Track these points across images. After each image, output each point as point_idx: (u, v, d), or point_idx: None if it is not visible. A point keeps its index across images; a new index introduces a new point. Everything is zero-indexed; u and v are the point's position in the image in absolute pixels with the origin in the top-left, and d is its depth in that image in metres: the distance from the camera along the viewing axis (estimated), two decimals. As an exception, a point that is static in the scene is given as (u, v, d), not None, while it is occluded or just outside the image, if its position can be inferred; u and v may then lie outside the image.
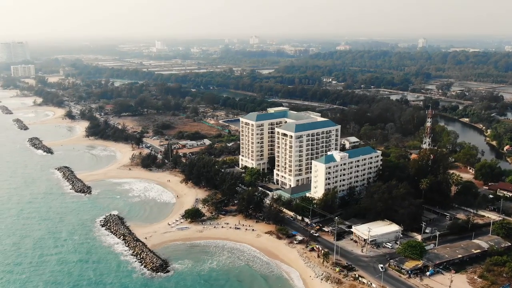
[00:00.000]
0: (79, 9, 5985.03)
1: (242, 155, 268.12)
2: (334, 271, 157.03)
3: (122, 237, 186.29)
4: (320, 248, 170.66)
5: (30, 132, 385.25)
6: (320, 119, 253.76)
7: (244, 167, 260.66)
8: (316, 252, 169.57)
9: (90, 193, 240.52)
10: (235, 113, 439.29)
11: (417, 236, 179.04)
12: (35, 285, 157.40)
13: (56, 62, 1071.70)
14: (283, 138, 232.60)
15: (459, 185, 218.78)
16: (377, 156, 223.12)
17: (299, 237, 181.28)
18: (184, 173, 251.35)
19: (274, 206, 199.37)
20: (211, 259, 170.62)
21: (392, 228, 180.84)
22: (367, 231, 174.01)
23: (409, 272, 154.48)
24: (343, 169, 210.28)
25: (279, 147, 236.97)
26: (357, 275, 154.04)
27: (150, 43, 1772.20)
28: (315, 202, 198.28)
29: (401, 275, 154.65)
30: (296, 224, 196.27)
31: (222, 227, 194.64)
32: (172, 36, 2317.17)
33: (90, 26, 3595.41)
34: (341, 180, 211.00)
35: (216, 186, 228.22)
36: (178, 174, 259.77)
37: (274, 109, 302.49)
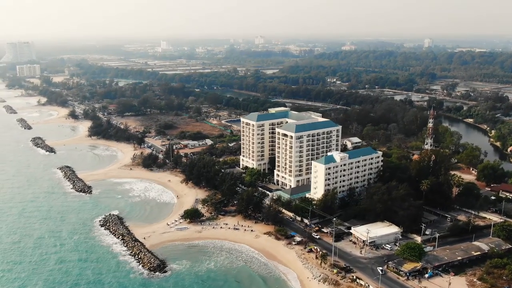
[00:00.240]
0: (83, 9, 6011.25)
1: (243, 156, 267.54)
2: (332, 273, 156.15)
3: (121, 237, 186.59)
4: (318, 249, 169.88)
5: (34, 132, 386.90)
6: (321, 120, 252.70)
7: (245, 168, 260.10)
8: (315, 254, 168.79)
9: (91, 193, 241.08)
10: (238, 113, 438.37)
11: (417, 238, 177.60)
12: (35, 284, 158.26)
13: (62, 62, 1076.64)
14: (284, 139, 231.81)
15: (461, 187, 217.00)
16: (378, 157, 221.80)
17: (298, 238, 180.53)
18: (185, 173, 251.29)
19: (273, 207, 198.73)
20: (209, 260, 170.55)
21: (392, 230, 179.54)
22: (366, 233, 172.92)
23: (408, 274, 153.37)
24: (343, 170, 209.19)
25: (280, 148, 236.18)
26: (355, 277, 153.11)
27: (156, 43, 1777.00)
28: (315, 203, 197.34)
29: (400, 277, 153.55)
30: (296, 225, 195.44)
31: (221, 228, 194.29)
32: (178, 36, 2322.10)
33: (95, 26, 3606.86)
34: (341, 181, 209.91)
35: (216, 187, 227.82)
36: (179, 174, 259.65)
37: (275, 109, 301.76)
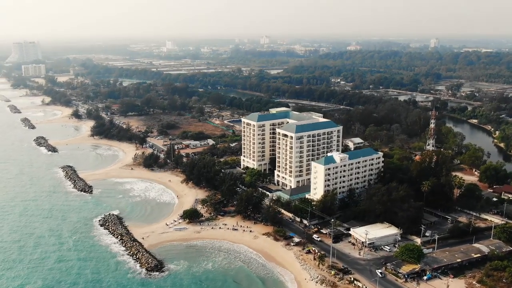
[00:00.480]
0: (83, 9, 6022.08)
1: (244, 156, 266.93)
2: (330, 274, 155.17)
3: (120, 237, 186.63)
4: (317, 251, 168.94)
5: (37, 131, 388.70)
6: (322, 120, 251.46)
7: (246, 168, 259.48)
8: (313, 255, 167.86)
9: (92, 193, 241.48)
10: (241, 113, 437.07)
11: (417, 239, 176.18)
12: (34, 282, 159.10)
13: (67, 62, 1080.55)
14: (284, 139, 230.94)
15: (462, 188, 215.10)
16: (378, 158, 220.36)
17: (296, 239, 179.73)
18: (185, 173, 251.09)
19: (273, 208, 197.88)
20: (207, 260, 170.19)
21: (391, 231, 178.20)
22: (365, 234, 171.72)
23: (406, 276, 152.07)
24: (343, 171, 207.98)
25: (280, 148, 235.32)
26: (353, 279, 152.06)
27: (161, 43, 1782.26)
28: (314, 204, 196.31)
29: (398, 279, 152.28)
30: (295, 226, 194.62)
31: (220, 228, 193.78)
32: (183, 36, 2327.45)
33: (95, 27, 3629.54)
34: (341, 182, 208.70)
35: (216, 187, 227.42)
36: (180, 174, 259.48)
37: (276, 110, 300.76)
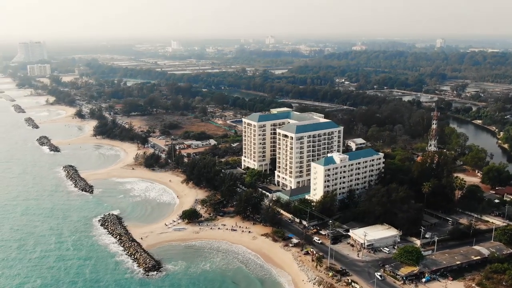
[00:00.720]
0: (83, 9, 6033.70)
1: (245, 156, 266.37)
2: (327, 276, 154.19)
3: (118, 237, 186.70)
4: (315, 252, 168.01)
5: (41, 131, 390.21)
6: (323, 120, 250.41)
7: (246, 168, 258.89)
8: (311, 256, 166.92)
9: (92, 192, 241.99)
10: (244, 113, 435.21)
11: (416, 241, 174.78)
12: (34, 281, 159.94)
13: (73, 62, 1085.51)
14: (284, 139, 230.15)
15: (464, 189, 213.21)
16: (379, 159, 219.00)
17: (295, 240, 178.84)
18: (186, 174, 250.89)
19: (272, 208, 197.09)
20: (206, 260, 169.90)
21: (390, 233, 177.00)
22: (364, 235, 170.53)
23: (404, 278, 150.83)
24: (343, 172, 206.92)
25: (280, 148, 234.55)
26: (350, 280, 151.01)
27: (167, 43, 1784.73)
28: (313, 205, 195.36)
29: (396, 281, 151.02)
30: (294, 227, 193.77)
31: (219, 229, 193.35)
32: (188, 36, 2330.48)
33: (95, 27, 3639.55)
34: (341, 183, 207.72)
35: (216, 187, 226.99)
36: (180, 175, 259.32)
37: (277, 110, 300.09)
